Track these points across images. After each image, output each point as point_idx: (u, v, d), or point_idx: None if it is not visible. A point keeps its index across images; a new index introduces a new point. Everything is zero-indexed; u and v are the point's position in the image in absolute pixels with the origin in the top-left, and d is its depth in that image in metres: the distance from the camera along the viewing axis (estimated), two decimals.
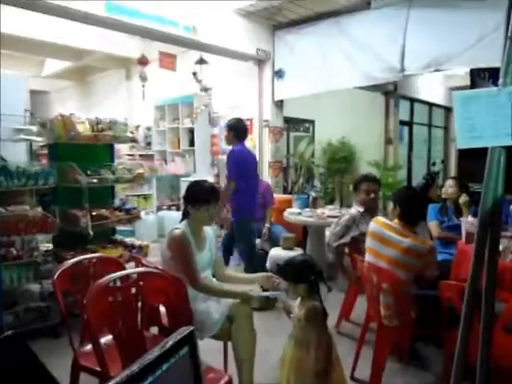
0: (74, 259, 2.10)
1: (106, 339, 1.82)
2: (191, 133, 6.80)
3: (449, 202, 3.58)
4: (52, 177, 3.13)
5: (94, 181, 3.30)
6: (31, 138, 3.50)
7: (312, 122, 7.49)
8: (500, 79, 1.28)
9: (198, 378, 0.75)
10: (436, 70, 4.54)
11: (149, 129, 7.61)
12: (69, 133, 3.27)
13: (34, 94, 8.51)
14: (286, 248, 3.96)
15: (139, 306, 1.80)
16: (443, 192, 3.67)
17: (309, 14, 5.23)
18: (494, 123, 1.29)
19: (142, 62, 6.04)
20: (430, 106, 9.50)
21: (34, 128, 3.46)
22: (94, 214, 3.32)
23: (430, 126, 9.73)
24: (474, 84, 5.35)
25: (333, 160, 7.00)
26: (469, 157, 5.30)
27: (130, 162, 4.72)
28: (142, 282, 1.82)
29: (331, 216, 4.13)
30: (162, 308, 2.08)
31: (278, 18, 5.43)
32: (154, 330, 2.17)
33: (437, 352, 2.66)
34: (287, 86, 5.67)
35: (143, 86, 6.20)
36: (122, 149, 6.82)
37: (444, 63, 4.36)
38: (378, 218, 2.54)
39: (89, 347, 1.82)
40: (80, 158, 3.35)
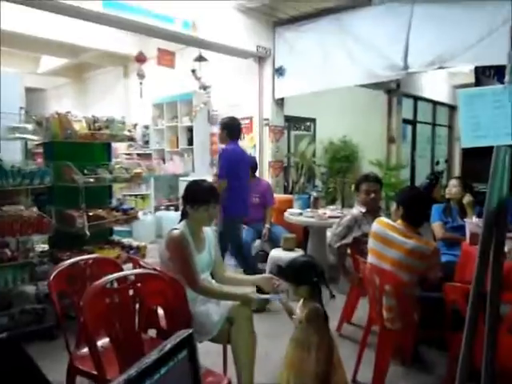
0: (71, 260, 2.10)
1: (102, 342, 1.81)
2: (190, 131, 6.79)
3: (453, 202, 3.58)
4: (48, 176, 3.13)
5: (91, 180, 3.30)
6: (26, 136, 3.50)
7: (313, 121, 7.49)
8: (506, 77, 1.28)
9: (197, 381, 0.75)
10: (440, 68, 4.54)
11: (147, 127, 7.61)
12: (65, 131, 3.27)
13: (29, 91, 8.51)
14: (286, 249, 3.96)
15: (137, 308, 1.80)
16: (447, 192, 3.66)
17: (309, 11, 5.23)
18: (500, 122, 1.28)
19: (140, 59, 6.04)
20: (434, 104, 9.50)
21: (29, 126, 3.46)
22: (91, 214, 3.32)
23: (433, 124, 9.73)
24: (478, 82, 5.35)
25: (334, 159, 7.01)
26: (473, 156, 5.31)
27: (128, 161, 4.71)
28: (139, 284, 1.82)
29: (333, 216, 4.13)
30: (160, 310, 2.08)
31: (279, 15, 5.43)
32: (152, 332, 2.17)
33: (440, 355, 2.66)
34: (288, 83, 5.66)
35: (141, 84, 6.19)
36: (120, 148, 6.83)
37: (448, 60, 4.35)
38: (381, 219, 2.54)
39: (85, 350, 1.82)
40: (76, 157, 3.35)
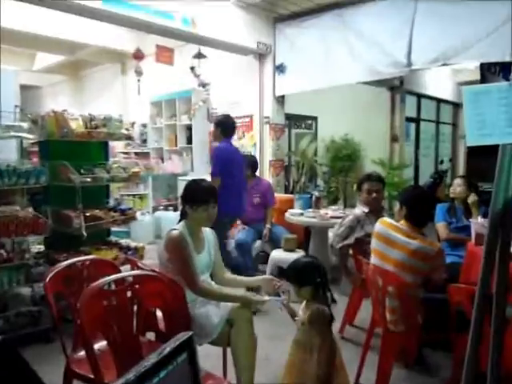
0: (67, 261, 2.09)
1: (100, 345, 1.81)
2: (189, 130, 6.79)
3: (457, 201, 3.58)
4: (44, 176, 3.13)
5: (88, 180, 3.30)
6: (22, 135, 3.50)
7: (314, 119, 7.49)
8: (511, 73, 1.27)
9: None
10: (444, 65, 4.53)
11: (145, 126, 7.61)
12: (61, 130, 3.27)
13: (24, 88, 8.53)
14: (287, 250, 3.97)
15: (135, 310, 1.80)
16: (451, 191, 3.66)
17: (311, 6, 5.23)
18: (505, 119, 1.28)
19: (138, 56, 6.04)
20: (438, 101, 9.50)
21: (24, 125, 3.47)
22: (88, 214, 3.31)
23: (437, 122, 9.73)
24: (484, 78, 5.34)
25: (336, 158, 7.00)
26: (478, 155, 5.29)
27: (125, 161, 4.72)
28: (137, 286, 1.81)
29: (335, 216, 4.13)
30: (159, 312, 2.08)
31: (279, 10, 5.43)
32: (151, 335, 2.17)
33: (444, 358, 2.66)
34: (289, 81, 5.66)
35: (139, 81, 6.20)
36: (117, 146, 6.83)
37: (453, 57, 4.34)
38: (384, 219, 2.54)
39: (82, 353, 1.81)
40: (73, 156, 3.35)
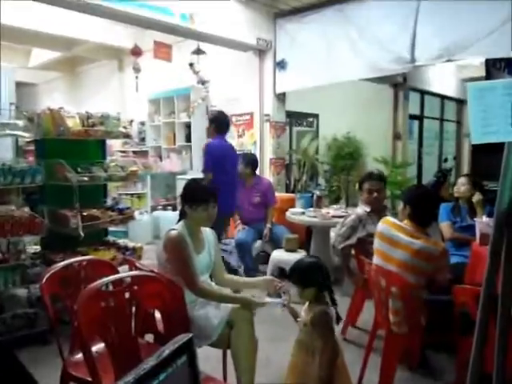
0: (64, 262, 2.09)
1: (97, 347, 1.81)
2: (188, 128, 6.79)
3: (462, 201, 3.57)
4: (39, 174, 3.13)
5: (85, 179, 3.29)
6: (17, 133, 3.50)
7: (316, 116, 7.49)
8: None
9: None
10: (448, 61, 4.53)
11: (143, 123, 7.61)
12: (57, 128, 3.26)
13: (20, 86, 8.53)
14: (288, 250, 3.97)
15: (133, 311, 1.80)
16: (455, 190, 3.66)
17: (312, 1, 5.22)
18: (511, 116, 1.28)
19: (136, 52, 6.03)
20: (442, 98, 9.49)
21: (20, 122, 3.47)
22: (85, 214, 3.32)
23: (441, 119, 9.71)
24: (489, 75, 5.32)
25: (338, 156, 7.00)
26: (483, 152, 5.29)
27: (123, 159, 4.74)
28: (136, 287, 1.82)
29: (336, 216, 4.14)
30: (158, 314, 2.08)
31: (280, 6, 5.43)
32: (149, 337, 2.17)
33: (448, 360, 2.66)
34: (290, 77, 5.66)
35: (137, 78, 6.19)
36: (115, 145, 6.83)
37: (457, 53, 4.34)
38: (387, 218, 2.54)
39: (79, 356, 1.82)
40: (69, 155, 3.35)
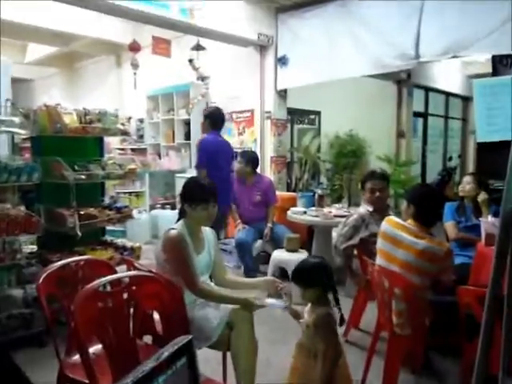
0: (61, 262, 2.09)
1: (94, 349, 1.82)
2: (187, 125, 6.79)
3: (467, 200, 3.57)
4: (36, 172, 3.13)
5: (82, 177, 3.29)
6: (13, 130, 3.49)
7: (318, 114, 7.49)
8: None
9: None
10: (454, 57, 4.50)
11: (141, 120, 7.61)
12: (54, 125, 3.26)
13: (15, 81, 8.47)
14: (289, 250, 3.97)
15: (131, 312, 1.80)
16: (460, 189, 3.65)
17: None
18: None
19: (134, 47, 6.03)
20: (447, 95, 9.48)
21: (16, 119, 3.45)
22: (82, 212, 3.32)
23: (446, 117, 9.71)
24: (495, 71, 5.31)
25: (340, 154, 7.00)
26: (489, 151, 5.27)
27: (121, 157, 4.73)
28: (134, 287, 1.82)
29: (339, 215, 4.14)
30: (156, 315, 2.08)
31: (281, 0, 5.41)
32: (148, 338, 2.17)
33: (453, 362, 2.65)
34: (291, 74, 5.65)
35: (135, 74, 6.20)
36: (113, 142, 6.82)
37: (463, 49, 4.31)
38: (391, 218, 2.54)
39: (76, 357, 1.82)
40: (66, 152, 3.35)
